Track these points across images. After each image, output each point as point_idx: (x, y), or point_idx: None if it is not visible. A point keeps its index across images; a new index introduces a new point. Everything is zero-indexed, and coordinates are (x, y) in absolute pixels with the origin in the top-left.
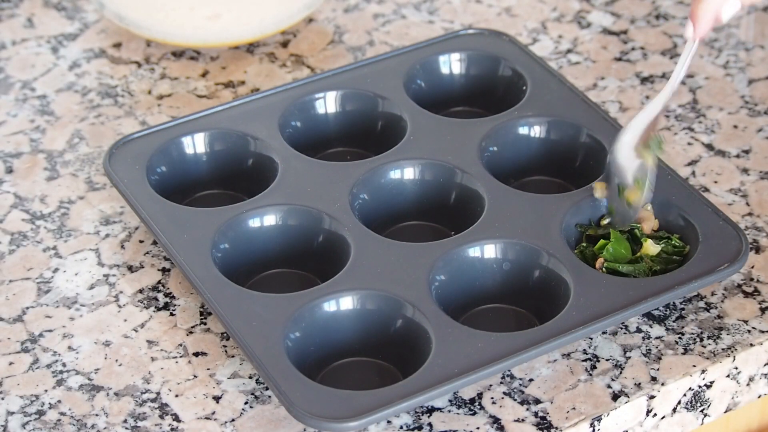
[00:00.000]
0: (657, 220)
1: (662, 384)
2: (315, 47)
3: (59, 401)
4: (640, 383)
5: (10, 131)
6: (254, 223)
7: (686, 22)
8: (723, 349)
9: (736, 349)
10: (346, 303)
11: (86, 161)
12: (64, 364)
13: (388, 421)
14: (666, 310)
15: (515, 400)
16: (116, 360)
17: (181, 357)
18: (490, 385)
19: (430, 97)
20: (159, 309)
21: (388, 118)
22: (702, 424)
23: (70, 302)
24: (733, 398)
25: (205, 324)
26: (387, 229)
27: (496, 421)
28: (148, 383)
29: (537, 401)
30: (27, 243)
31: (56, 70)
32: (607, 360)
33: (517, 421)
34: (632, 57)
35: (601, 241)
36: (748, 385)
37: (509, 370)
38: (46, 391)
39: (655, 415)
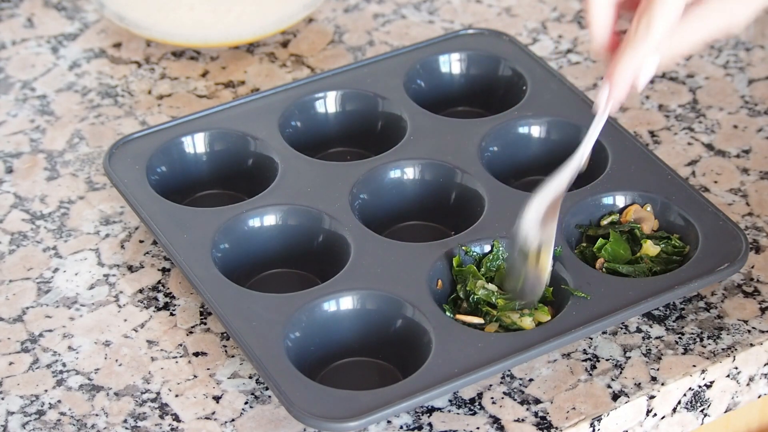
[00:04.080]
0: (657, 220)
1: (662, 384)
2: (315, 47)
3: (59, 401)
4: (640, 383)
5: (10, 131)
6: (254, 223)
7: (601, 85)
8: (723, 349)
9: (736, 349)
10: (346, 303)
11: (86, 161)
12: (64, 364)
13: (388, 421)
14: (666, 310)
15: (515, 400)
16: (116, 360)
17: (181, 357)
18: (490, 385)
19: (430, 97)
20: (159, 309)
21: (388, 118)
22: (702, 424)
23: (70, 302)
24: (733, 398)
25: (205, 324)
26: (387, 229)
27: (496, 421)
28: (148, 383)
29: (537, 401)
30: (27, 243)
31: (56, 70)
32: (607, 360)
33: (517, 421)
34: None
35: (600, 241)
36: (748, 385)
37: (509, 370)
38: (46, 391)
39: (655, 415)
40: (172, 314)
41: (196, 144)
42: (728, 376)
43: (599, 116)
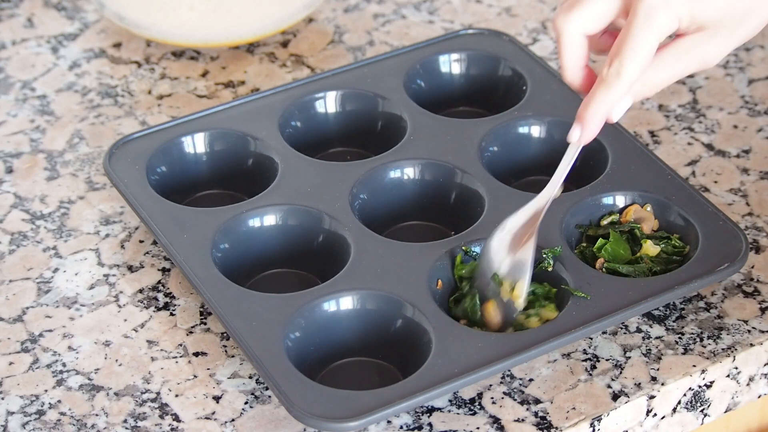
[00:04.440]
0: (657, 220)
1: (662, 384)
2: (315, 47)
3: (59, 401)
4: (640, 383)
5: (10, 131)
6: (254, 223)
7: (573, 125)
8: (723, 349)
9: (736, 349)
10: (346, 303)
11: (86, 161)
12: (64, 364)
13: (388, 421)
14: (666, 310)
15: (515, 400)
16: (116, 360)
17: (181, 357)
18: (490, 385)
19: (430, 97)
20: (159, 309)
21: (388, 118)
22: (702, 424)
23: (70, 302)
24: (733, 398)
25: (205, 324)
26: (387, 229)
27: (496, 421)
28: (148, 383)
29: (537, 401)
30: (27, 243)
31: (56, 70)
32: (607, 360)
33: (517, 421)
34: None
35: (600, 241)
36: (748, 385)
37: (509, 370)
38: (46, 391)
39: (655, 415)
40: (172, 314)
41: (196, 144)
42: (728, 376)
43: (570, 153)
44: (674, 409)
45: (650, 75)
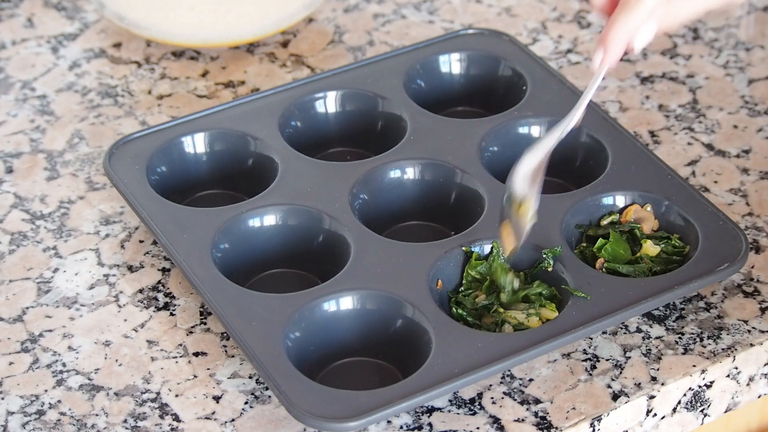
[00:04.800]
0: (657, 220)
1: (662, 384)
2: (315, 47)
3: (59, 401)
4: (640, 383)
5: (10, 131)
6: (254, 223)
7: (596, 48)
8: (723, 349)
9: (736, 349)
10: (346, 303)
11: (86, 161)
12: (64, 364)
13: (388, 421)
14: (666, 310)
15: (515, 400)
16: (116, 360)
17: (181, 357)
18: (490, 385)
19: (430, 97)
20: (159, 309)
21: (388, 118)
22: (702, 424)
23: (70, 302)
24: (733, 398)
25: (205, 324)
26: (387, 229)
27: (496, 421)
28: (148, 383)
29: (537, 401)
30: (27, 243)
31: (56, 70)
32: (607, 360)
33: (517, 421)
34: (632, 57)
35: (600, 240)
36: (748, 385)
37: (509, 370)
38: (46, 391)
39: (655, 415)
40: (172, 314)
41: (196, 144)
42: (728, 376)
43: (595, 77)
44: (674, 409)
45: (674, 7)
